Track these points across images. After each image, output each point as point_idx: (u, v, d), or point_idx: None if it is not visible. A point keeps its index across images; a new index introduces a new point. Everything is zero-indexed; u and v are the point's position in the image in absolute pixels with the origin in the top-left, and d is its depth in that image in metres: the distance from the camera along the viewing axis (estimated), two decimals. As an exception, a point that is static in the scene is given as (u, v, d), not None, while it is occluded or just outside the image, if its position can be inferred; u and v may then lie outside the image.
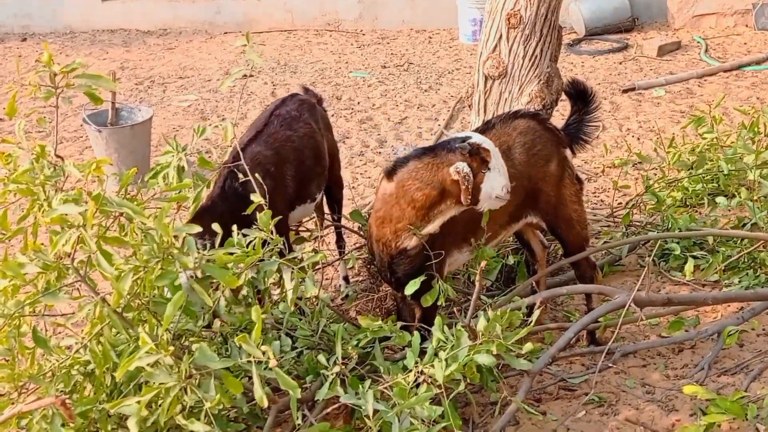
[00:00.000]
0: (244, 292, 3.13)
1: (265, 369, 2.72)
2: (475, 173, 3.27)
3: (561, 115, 5.31)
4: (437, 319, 3.15)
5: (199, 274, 2.85)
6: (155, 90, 8.12)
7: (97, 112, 5.97)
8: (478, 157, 3.29)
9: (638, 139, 6.43)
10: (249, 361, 2.72)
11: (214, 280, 2.94)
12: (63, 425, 2.83)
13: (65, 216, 2.75)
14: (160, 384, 2.70)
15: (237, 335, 2.83)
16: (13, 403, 2.96)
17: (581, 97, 4.02)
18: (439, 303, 3.44)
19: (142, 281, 2.91)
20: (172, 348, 2.70)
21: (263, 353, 2.71)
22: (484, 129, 3.74)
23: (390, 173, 3.42)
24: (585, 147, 4.01)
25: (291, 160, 3.93)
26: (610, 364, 3.71)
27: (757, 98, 7.04)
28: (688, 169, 5.36)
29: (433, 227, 3.40)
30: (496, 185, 3.32)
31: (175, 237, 2.87)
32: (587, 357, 3.87)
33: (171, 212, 3.61)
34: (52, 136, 3.51)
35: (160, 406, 2.75)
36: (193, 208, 3.56)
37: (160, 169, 3.49)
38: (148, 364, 2.68)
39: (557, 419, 3.47)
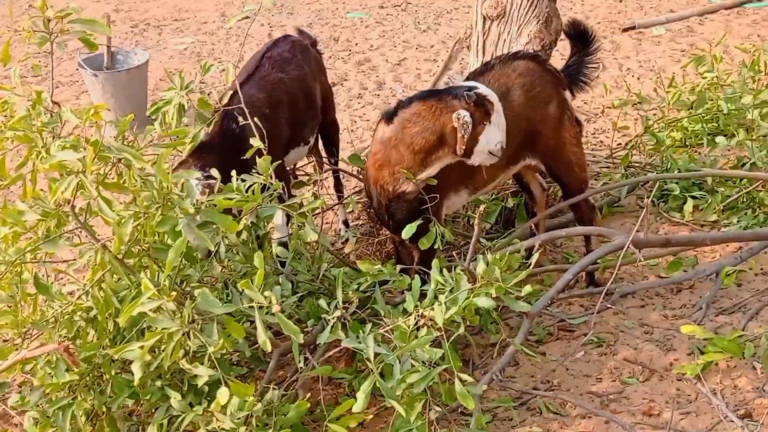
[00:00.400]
0: (244, 236, 3.14)
1: (267, 314, 2.74)
2: (476, 124, 3.26)
3: (561, 55, 5.26)
4: (435, 262, 3.15)
5: (199, 219, 2.85)
6: (151, 33, 8.02)
7: (93, 56, 5.91)
8: (482, 109, 3.27)
9: (638, 78, 6.38)
10: (251, 307, 2.74)
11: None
12: (67, 370, 2.86)
13: (64, 162, 2.74)
14: (162, 329, 2.72)
15: (239, 280, 2.85)
16: (17, 349, 2.99)
17: (581, 38, 3.97)
18: (436, 246, 3.44)
19: (142, 227, 2.91)
20: (174, 293, 2.72)
21: (266, 298, 2.73)
22: (483, 70, 3.71)
23: (390, 116, 3.40)
24: (585, 88, 3.98)
25: (284, 103, 3.89)
26: (609, 305, 3.74)
27: (758, 36, 6.96)
28: (688, 109, 5.33)
29: (430, 173, 3.39)
30: (492, 139, 3.32)
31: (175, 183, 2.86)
32: (586, 298, 3.90)
33: (170, 158, 3.59)
34: (48, 81, 3.46)
35: (163, 350, 2.77)
36: (190, 148, 3.54)
37: (162, 105, 3.47)
38: (150, 310, 2.70)
39: (556, 360, 3.51)
